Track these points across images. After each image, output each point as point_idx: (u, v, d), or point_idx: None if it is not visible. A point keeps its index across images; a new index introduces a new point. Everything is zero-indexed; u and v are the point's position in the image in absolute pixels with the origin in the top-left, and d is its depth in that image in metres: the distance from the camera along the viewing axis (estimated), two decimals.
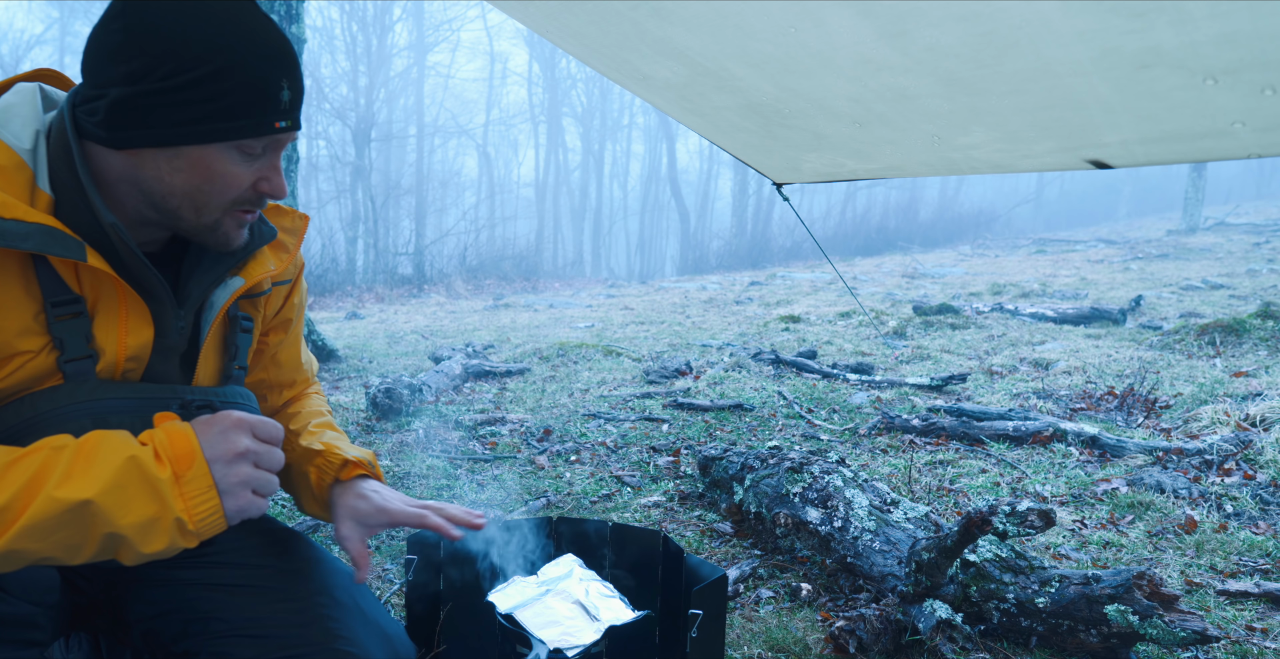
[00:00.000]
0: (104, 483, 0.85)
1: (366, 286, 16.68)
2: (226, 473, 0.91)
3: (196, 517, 0.88)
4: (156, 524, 0.87)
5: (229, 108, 0.93)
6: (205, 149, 0.95)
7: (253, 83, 0.93)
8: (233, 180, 0.98)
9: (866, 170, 2.48)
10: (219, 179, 0.97)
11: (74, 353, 0.97)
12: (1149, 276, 11.13)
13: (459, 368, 5.40)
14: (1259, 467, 3.10)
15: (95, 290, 0.99)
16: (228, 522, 0.91)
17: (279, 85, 0.95)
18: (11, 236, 0.88)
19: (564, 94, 32.67)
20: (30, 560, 0.85)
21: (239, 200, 1.00)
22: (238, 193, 1.00)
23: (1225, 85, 1.34)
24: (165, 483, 0.87)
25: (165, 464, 0.88)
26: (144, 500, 0.86)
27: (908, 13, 1.39)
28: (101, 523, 0.84)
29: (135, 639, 1.17)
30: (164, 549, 0.88)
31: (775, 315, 8.69)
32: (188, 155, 0.95)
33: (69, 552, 0.85)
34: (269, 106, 0.95)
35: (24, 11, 25.65)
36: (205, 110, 0.92)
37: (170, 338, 1.07)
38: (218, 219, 1.01)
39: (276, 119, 0.96)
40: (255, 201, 1.02)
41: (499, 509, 2.92)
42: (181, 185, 0.97)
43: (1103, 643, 1.79)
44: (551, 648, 1.42)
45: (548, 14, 1.85)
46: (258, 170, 1.00)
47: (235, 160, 0.97)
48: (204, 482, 0.89)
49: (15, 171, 0.94)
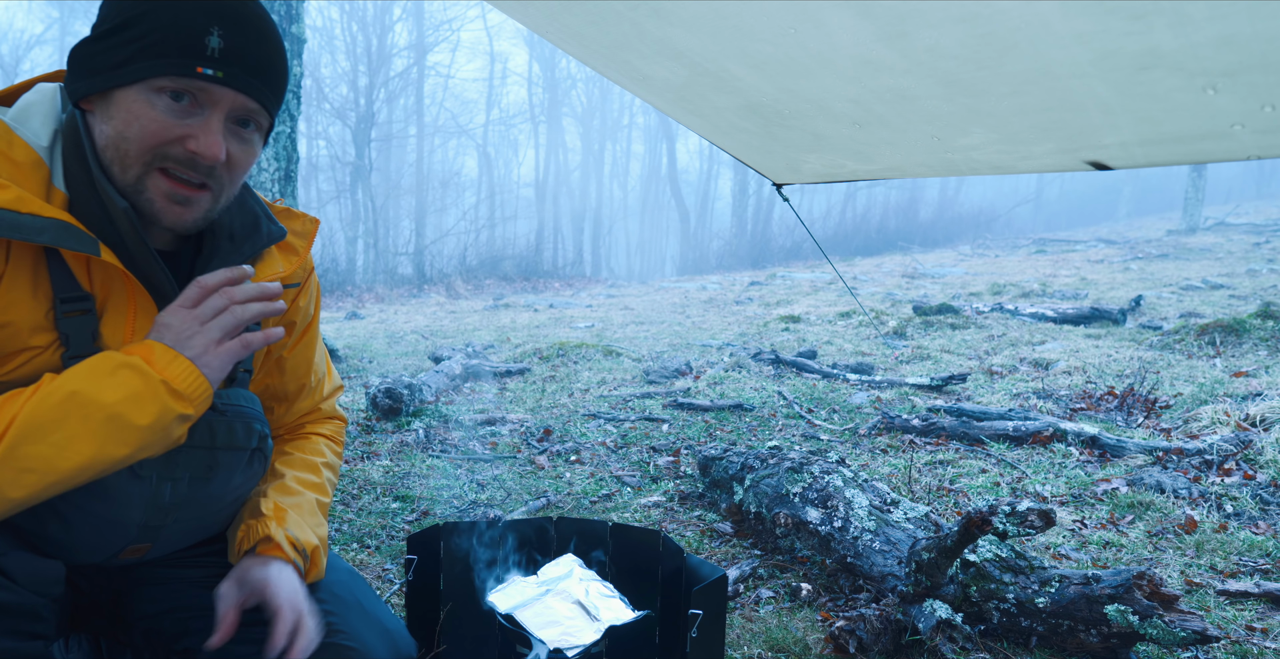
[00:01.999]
0: (84, 375, 0.92)
1: (366, 286, 16.68)
2: (184, 343, 0.96)
3: (178, 377, 0.95)
4: (143, 392, 0.92)
5: (149, 47, 0.93)
6: (130, 92, 0.95)
7: (175, 25, 0.93)
8: (153, 127, 0.95)
9: (866, 171, 2.48)
10: (138, 124, 0.95)
11: (79, 350, 0.98)
12: (1149, 276, 11.13)
13: (459, 368, 5.41)
14: (1259, 467, 3.10)
15: (105, 288, 1.00)
16: (210, 380, 0.98)
17: (207, 30, 0.94)
18: (28, 230, 0.90)
19: (564, 94, 32.67)
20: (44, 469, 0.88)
21: (164, 155, 0.96)
22: (156, 143, 0.95)
23: (1225, 88, 1.35)
24: (138, 361, 0.94)
25: (135, 355, 0.95)
26: (124, 376, 0.92)
27: (907, 14, 1.39)
28: (93, 407, 0.90)
29: (136, 638, 1.17)
30: (160, 414, 0.93)
31: (775, 315, 8.69)
32: (116, 101, 0.96)
33: (75, 446, 0.89)
34: (191, 50, 0.93)
35: (24, 11, 25.65)
36: (129, 51, 0.94)
37: None
38: (139, 176, 0.97)
39: (200, 64, 0.94)
40: (185, 163, 0.97)
41: (499, 509, 2.92)
42: (111, 134, 0.96)
43: (1103, 643, 1.80)
44: (551, 648, 1.42)
45: (547, 14, 1.85)
46: (187, 126, 0.96)
47: (159, 108, 0.95)
48: (169, 354, 0.95)
49: (33, 169, 0.95)
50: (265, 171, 5.47)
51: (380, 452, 3.65)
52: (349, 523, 2.73)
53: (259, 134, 1.06)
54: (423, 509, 2.90)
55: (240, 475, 1.13)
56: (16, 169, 0.94)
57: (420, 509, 2.90)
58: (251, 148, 1.04)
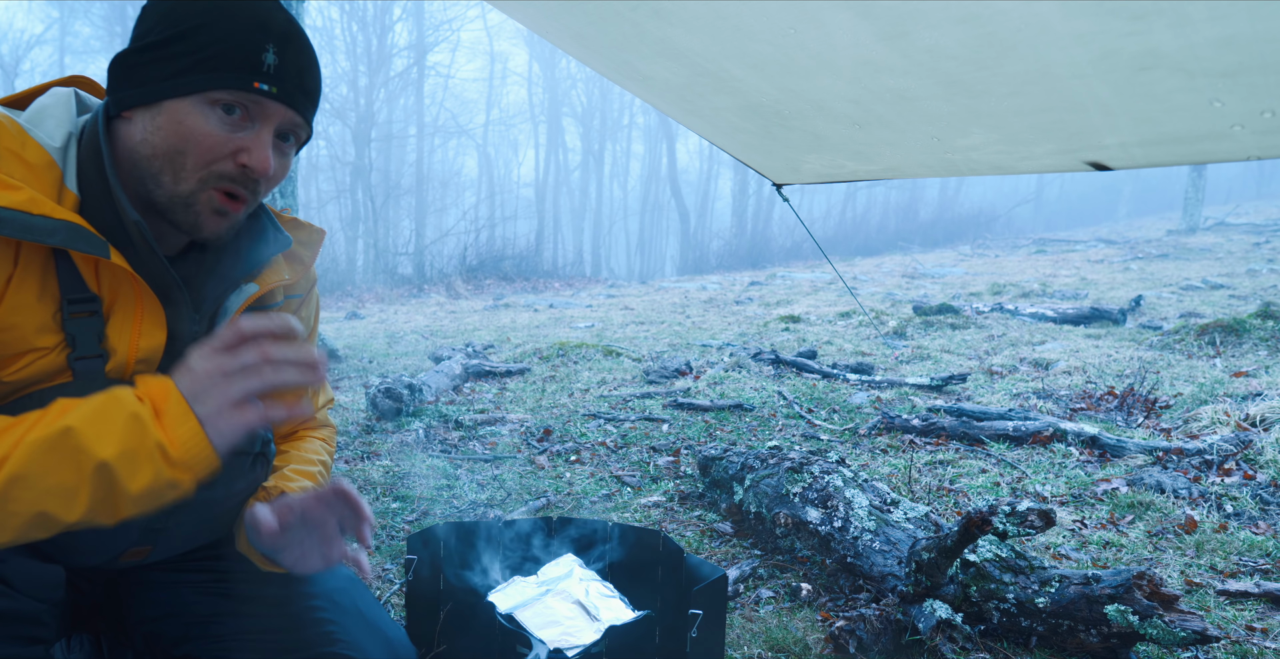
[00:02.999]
0: (83, 415, 0.85)
1: (366, 286, 16.68)
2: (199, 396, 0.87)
3: (177, 440, 0.86)
4: (139, 452, 0.85)
5: (205, 60, 0.94)
6: (184, 104, 0.95)
7: (233, 39, 0.94)
8: (208, 141, 0.96)
9: (866, 171, 2.48)
10: (194, 139, 0.95)
11: (85, 351, 0.98)
12: (1149, 276, 11.13)
13: (459, 368, 5.41)
14: (1259, 467, 3.10)
15: (113, 291, 1.00)
16: (213, 444, 0.87)
17: (262, 46, 0.95)
18: (39, 232, 0.90)
19: (564, 94, 32.67)
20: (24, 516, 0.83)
21: (217, 171, 0.97)
22: (214, 158, 0.96)
23: (1226, 91, 1.35)
24: (145, 411, 0.86)
25: (146, 402, 0.87)
26: (123, 426, 0.85)
27: (907, 15, 1.39)
28: (85, 457, 0.83)
29: (137, 641, 1.17)
30: (152, 482, 0.86)
31: (775, 315, 8.69)
32: (167, 111, 0.95)
33: (62, 500, 0.83)
34: (248, 65, 0.95)
35: (24, 11, 25.65)
36: (185, 63, 0.94)
37: (183, 342, 1.07)
38: (193, 190, 0.97)
39: (256, 79, 0.95)
40: (236, 178, 0.98)
41: (499, 509, 2.92)
42: (160, 145, 0.96)
43: (1103, 643, 1.80)
44: (551, 648, 1.42)
45: (547, 14, 1.85)
46: (240, 140, 0.97)
47: (214, 122, 0.96)
48: (180, 407, 0.87)
49: (45, 170, 0.96)
50: None
51: (380, 452, 3.65)
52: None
53: (295, 149, 1.07)
54: (423, 509, 2.90)
55: (242, 480, 1.13)
56: (29, 170, 0.94)
57: (420, 509, 2.90)
58: (288, 161, 1.06)
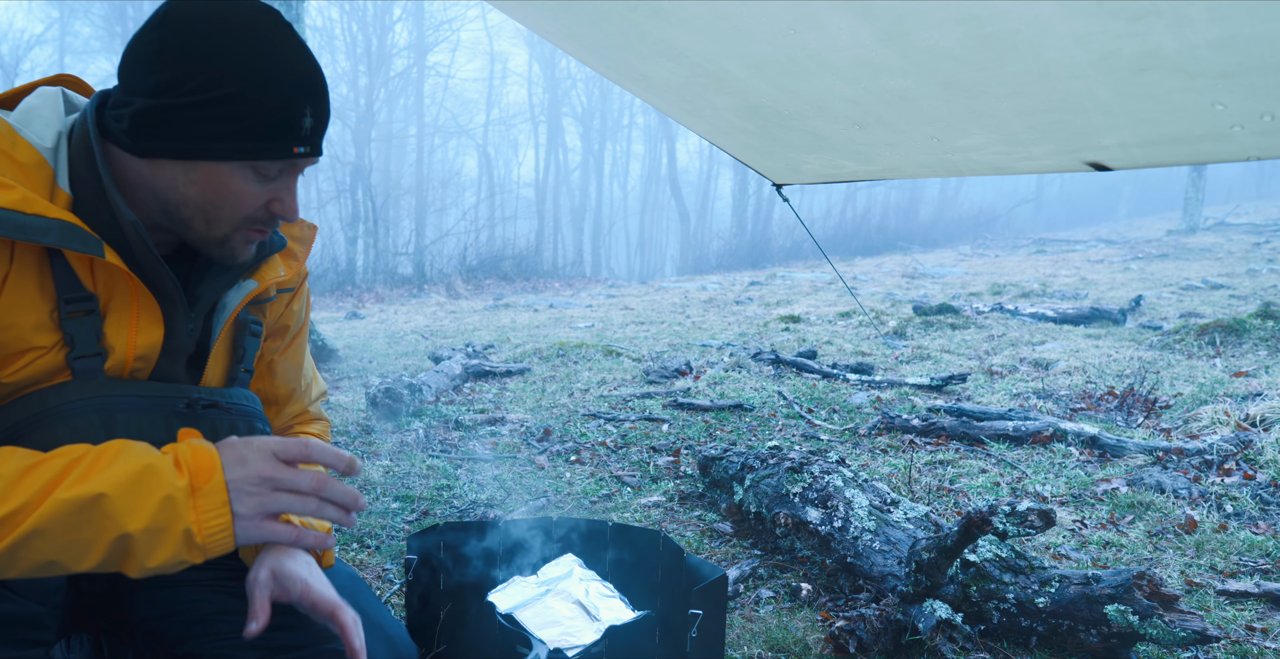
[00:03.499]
0: (119, 481, 0.84)
1: (366, 286, 16.68)
2: (242, 495, 0.89)
3: (206, 530, 0.87)
4: (165, 531, 0.85)
5: (249, 128, 0.94)
6: (221, 165, 0.96)
7: (276, 108, 0.94)
8: (246, 198, 0.99)
9: (866, 172, 2.49)
10: (232, 196, 0.98)
11: (84, 350, 0.98)
12: (1149, 276, 11.13)
13: (459, 368, 5.41)
14: (1259, 467, 3.11)
15: (109, 289, 1.00)
16: (236, 541, 0.90)
17: (302, 112, 0.96)
18: (32, 231, 0.90)
19: (564, 94, 32.66)
20: (35, 562, 0.84)
21: (250, 218, 1.02)
22: (249, 211, 1.01)
23: (1224, 90, 1.35)
24: (181, 490, 0.87)
25: (184, 474, 0.88)
26: (156, 504, 0.85)
27: (907, 15, 1.39)
28: (111, 524, 0.84)
29: (138, 640, 1.17)
30: (168, 560, 0.87)
31: (775, 315, 8.70)
32: (204, 169, 0.96)
33: (76, 555, 0.85)
34: (290, 132, 0.96)
35: (24, 11, 25.64)
36: (225, 129, 0.93)
37: (179, 339, 1.07)
38: (227, 234, 1.02)
39: (296, 144, 0.97)
40: (266, 221, 1.03)
41: (499, 509, 2.92)
42: (195, 197, 0.98)
43: (1103, 643, 1.80)
44: (551, 648, 1.42)
45: (547, 15, 1.85)
46: (271, 191, 1.01)
47: (250, 179, 0.99)
48: (219, 498, 0.88)
49: (36, 169, 0.96)
50: None
51: (380, 452, 3.65)
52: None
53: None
54: (423, 509, 2.90)
55: None
56: (20, 169, 0.94)
57: (420, 509, 2.90)
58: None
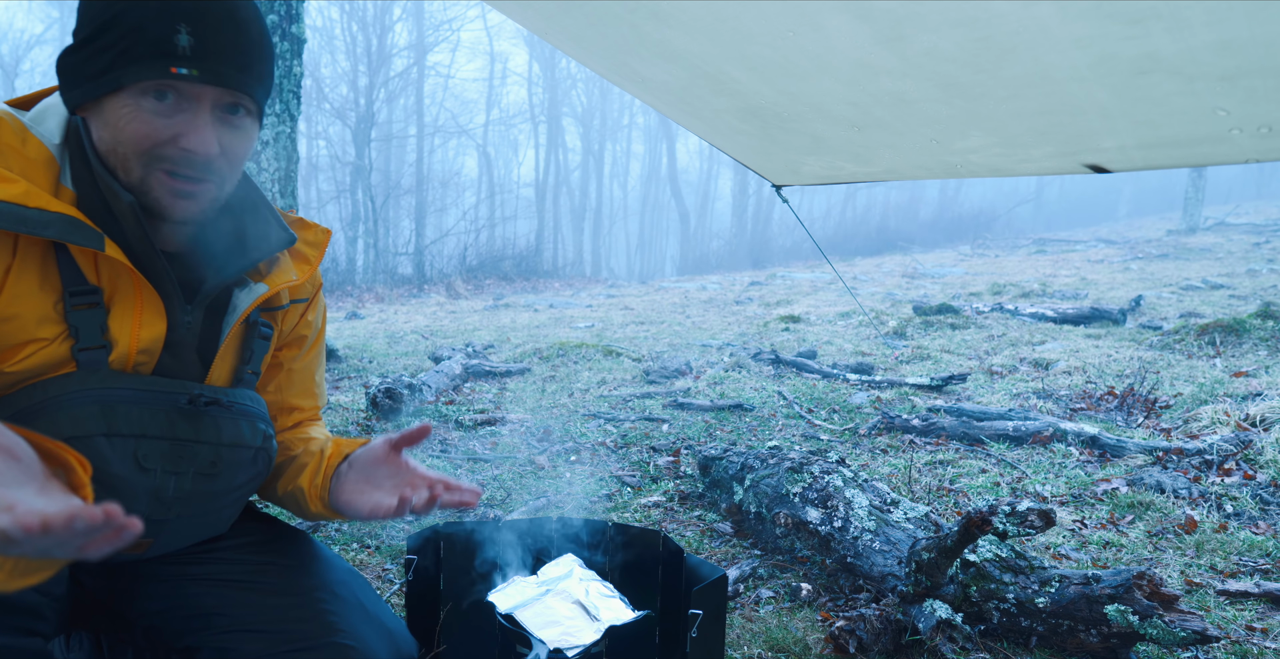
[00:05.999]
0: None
1: (366, 286, 16.68)
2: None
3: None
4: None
5: (124, 53, 0.93)
6: (118, 99, 0.96)
7: (141, 26, 0.93)
8: (144, 129, 0.96)
9: (865, 173, 2.49)
10: (131, 131, 0.96)
11: (88, 342, 1.00)
12: (1149, 276, 11.13)
13: (459, 368, 5.41)
14: (1259, 467, 3.11)
15: (112, 283, 1.02)
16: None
17: (173, 29, 0.93)
18: (34, 224, 0.92)
19: (564, 94, 32.64)
20: None
21: (158, 155, 0.98)
22: (151, 145, 0.97)
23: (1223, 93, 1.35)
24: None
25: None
26: None
27: (905, 17, 1.39)
28: None
29: (138, 636, 1.18)
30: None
31: (775, 315, 8.70)
32: (108, 107, 0.97)
33: None
34: (160, 50, 0.94)
35: (24, 11, 25.64)
36: (106, 60, 0.94)
37: (178, 332, 1.09)
38: (143, 176, 0.99)
39: (172, 64, 0.94)
40: (180, 161, 0.99)
41: (499, 509, 2.92)
42: (110, 139, 0.98)
43: (1103, 643, 1.80)
44: (551, 648, 1.43)
45: (546, 16, 1.85)
46: (176, 124, 0.97)
47: (147, 110, 0.96)
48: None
49: (44, 165, 0.99)
50: (265, 172, 5.47)
51: None
52: (349, 523, 2.74)
53: (251, 118, 1.05)
54: None
55: (244, 474, 1.14)
56: (29, 165, 0.97)
57: None
58: (245, 133, 1.05)
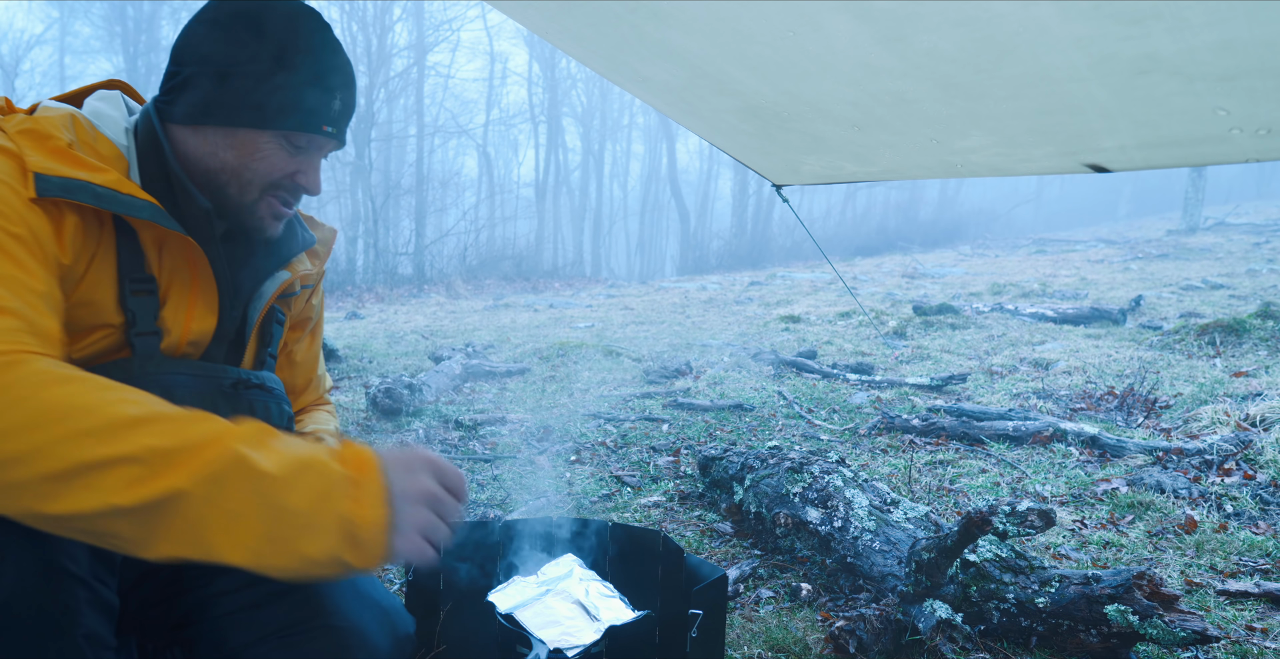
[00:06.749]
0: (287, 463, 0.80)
1: (366, 286, 16.68)
2: (404, 507, 0.84)
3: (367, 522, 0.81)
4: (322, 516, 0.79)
5: (292, 101, 1.05)
6: (261, 133, 1.07)
7: (314, 87, 1.07)
8: (276, 164, 1.09)
9: (865, 173, 2.49)
10: (264, 162, 1.09)
11: (144, 328, 1.05)
12: (1149, 276, 11.13)
13: (459, 368, 5.41)
14: (1259, 467, 3.11)
15: (171, 275, 1.08)
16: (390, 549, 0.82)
17: (334, 95, 1.09)
18: (129, 206, 0.99)
19: (564, 94, 32.63)
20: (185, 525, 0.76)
21: (277, 185, 1.11)
22: (277, 178, 1.10)
23: (1223, 93, 1.35)
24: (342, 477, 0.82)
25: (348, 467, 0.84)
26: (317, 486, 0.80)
27: (905, 17, 1.39)
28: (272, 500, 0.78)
29: (177, 651, 1.17)
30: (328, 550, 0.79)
31: (775, 315, 8.70)
32: (244, 136, 1.07)
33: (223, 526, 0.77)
34: (324, 110, 1.09)
35: (24, 11, 25.66)
36: (271, 101, 1.05)
37: (223, 327, 1.16)
38: (255, 200, 1.11)
39: (325, 123, 1.09)
40: (291, 191, 1.13)
41: (499, 509, 2.92)
42: (232, 162, 1.08)
43: (1103, 643, 1.80)
44: (551, 648, 1.43)
45: (546, 15, 1.85)
46: (299, 163, 1.11)
47: (281, 149, 1.09)
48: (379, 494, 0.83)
49: (115, 162, 1.05)
50: None
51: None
52: None
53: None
54: None
55: None
56: (103, 161, 1.03)
57: None
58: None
